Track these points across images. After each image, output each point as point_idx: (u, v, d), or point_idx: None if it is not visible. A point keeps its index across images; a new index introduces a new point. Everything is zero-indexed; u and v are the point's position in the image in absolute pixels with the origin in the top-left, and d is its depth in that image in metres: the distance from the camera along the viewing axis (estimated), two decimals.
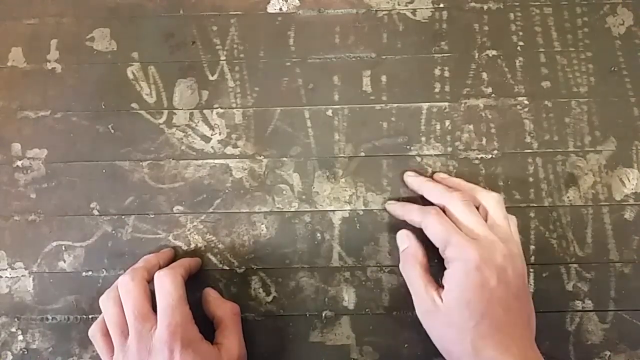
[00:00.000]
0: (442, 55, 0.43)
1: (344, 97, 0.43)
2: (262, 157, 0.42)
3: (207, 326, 0.37)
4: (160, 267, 0.37)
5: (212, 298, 0.39)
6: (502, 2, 0.44)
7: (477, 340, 0.32)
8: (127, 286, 0.35)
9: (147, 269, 0.37)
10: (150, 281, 0.36)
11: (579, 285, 0.40)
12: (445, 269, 0.36)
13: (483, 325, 0.33)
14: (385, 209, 0.41)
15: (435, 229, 0.36)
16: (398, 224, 0.41)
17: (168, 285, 0.35)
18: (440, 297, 0.34)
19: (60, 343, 0.41)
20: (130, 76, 0.43)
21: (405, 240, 0.38)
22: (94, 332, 0.36)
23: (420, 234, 0.37)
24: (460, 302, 0.33)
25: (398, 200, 0.41)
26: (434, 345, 0.39)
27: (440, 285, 0.35)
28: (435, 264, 0.39)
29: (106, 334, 0.35)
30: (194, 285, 0.40)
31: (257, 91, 0.43)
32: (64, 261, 0.41)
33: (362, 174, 0.42)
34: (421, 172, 0.41)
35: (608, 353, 0.39)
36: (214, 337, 0.37)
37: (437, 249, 0.36)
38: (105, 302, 0.36)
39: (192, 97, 0.43)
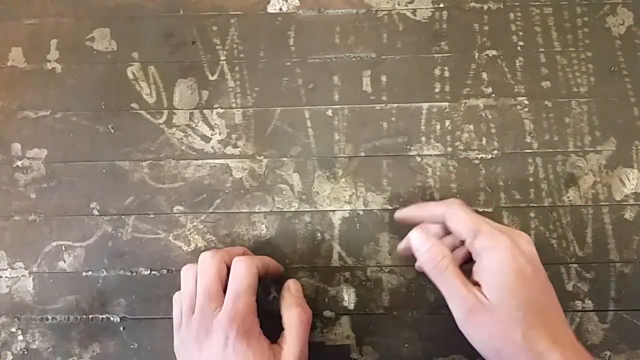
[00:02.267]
0: (442, 55, 0.43)
1: (344, 97, 0.43)
2: (262, 157, 0.42)
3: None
4: None
5: (288, 295, 0.37)
6: (502, 2, 0.44)
7: (528, 331, 0.31)
8: (204, 262, 0.35)
9: (229, 253, 0.36)
10: (229, 266, 0.36)
11: (579, 285, 0.40)
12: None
13: (531, 314, 0.31)
14: (394, 218, 0.39)
15: (463, 217, 0.34)
16: (398, 224, 0.41)
17: (242, 271, 0.35)
18: (482, 292, 0.32)
19: (60, 343, 0.41)
20: (130, 76, 0.43)
21: (424, 239, 0.34)
22: (175, 298, 0.37)
23: None
24: (505, 292, 0.32)
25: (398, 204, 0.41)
26: (434, 345, 0.39)
27: (472, 280, 0.34)
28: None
29: None
30: None
31: (257, 91, 0.43)
32: (64, 261, 0.41)
33: (362, 174, 0.42)
34: (422, 171, 0.41)
35: (608, 353, 0.39)
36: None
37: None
38: (184, 274, 0.36)
39: (192, 97, 0.43)
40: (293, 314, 0.36)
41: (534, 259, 0.34)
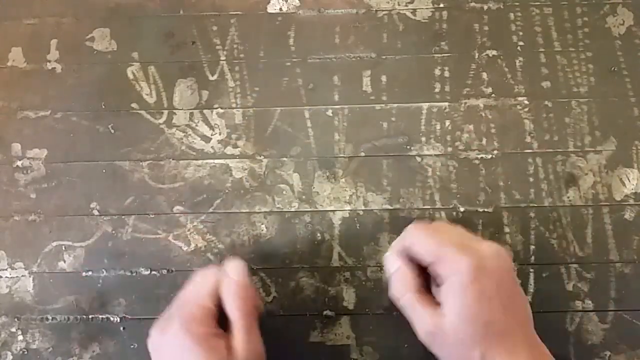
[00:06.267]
0: (442, 55, 0.43)
1: (344, 97, 0.43)
2: (262, 157, 0.42)
3: None
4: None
5: (227, 281, 0.35)
6: (502, 2, 0.44)
7: (486, 351, 0.31)
8: (203, 279, 0.35)
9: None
10: None
11: (579, 285, 0.40)
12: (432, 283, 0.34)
13: (489, 335, 0.32)
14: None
15: (424, 244, 0.33)
16: (399, 224, 0.41)
17: (197, 285, 0.35)
18: (442, 315, 0.32)
19: (60, 343, 0.41)
20: (130, 76, 0.43)
21: (392, 262, 0.35)
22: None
23: None
24: (463, 318, 0.32)
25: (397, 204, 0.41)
26: None
27: (436, 302, 0.33)
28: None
29: None
30: None
31: (257, 91, 0.43)
32: (64, 261, 0.41)
33: (362, 174, 0.42)
34: (422, 171, 0.41)
35: (608, 353, 0.39)
36: None
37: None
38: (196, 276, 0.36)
39: (192, 97, 0.43)
40: (236, 306, 0.34)
41: (501, 274, 0.33)
